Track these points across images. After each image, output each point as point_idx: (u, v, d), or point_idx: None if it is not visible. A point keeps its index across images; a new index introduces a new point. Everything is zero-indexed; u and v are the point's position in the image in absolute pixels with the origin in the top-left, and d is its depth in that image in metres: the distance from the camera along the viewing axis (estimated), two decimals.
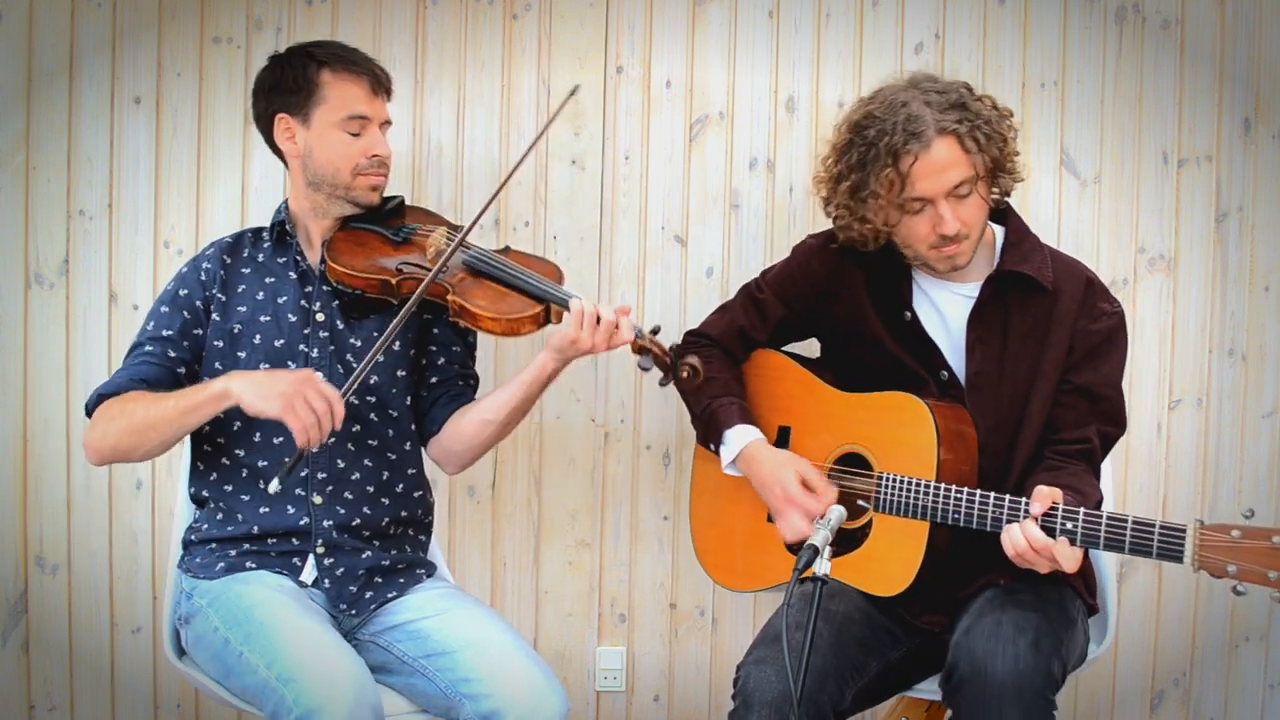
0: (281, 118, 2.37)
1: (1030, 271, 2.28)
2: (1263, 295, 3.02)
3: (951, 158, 2.20)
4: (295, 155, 2.38)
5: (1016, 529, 2.06)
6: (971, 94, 2.25)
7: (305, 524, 2.30)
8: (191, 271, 2.41)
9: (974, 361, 2.28)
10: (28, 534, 2.91)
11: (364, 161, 2.37)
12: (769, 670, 2.11)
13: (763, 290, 2.51)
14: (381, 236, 2.42)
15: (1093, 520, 2.02)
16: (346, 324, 2.38)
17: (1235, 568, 1.84)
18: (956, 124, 2.19)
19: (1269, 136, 2.99)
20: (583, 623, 3.04)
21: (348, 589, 2.30)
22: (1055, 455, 2.25)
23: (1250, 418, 3.03)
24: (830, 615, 2.23)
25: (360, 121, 2.36)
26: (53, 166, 2.87)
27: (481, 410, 2.38)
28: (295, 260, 2.41)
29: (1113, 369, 2.31)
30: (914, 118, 2.19)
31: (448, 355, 2.46)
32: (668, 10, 2.95)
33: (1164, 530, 1.94)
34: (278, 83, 2.37)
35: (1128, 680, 3.07)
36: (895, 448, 2.25)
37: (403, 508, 2.40)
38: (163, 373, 2.32)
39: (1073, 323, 2.27)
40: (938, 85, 2.25)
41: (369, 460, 2.37)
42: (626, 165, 2.97)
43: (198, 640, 2.25)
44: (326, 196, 2.39)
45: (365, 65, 2.39)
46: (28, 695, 2.93)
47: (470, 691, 2.14)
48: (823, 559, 1.87)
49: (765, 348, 2.50)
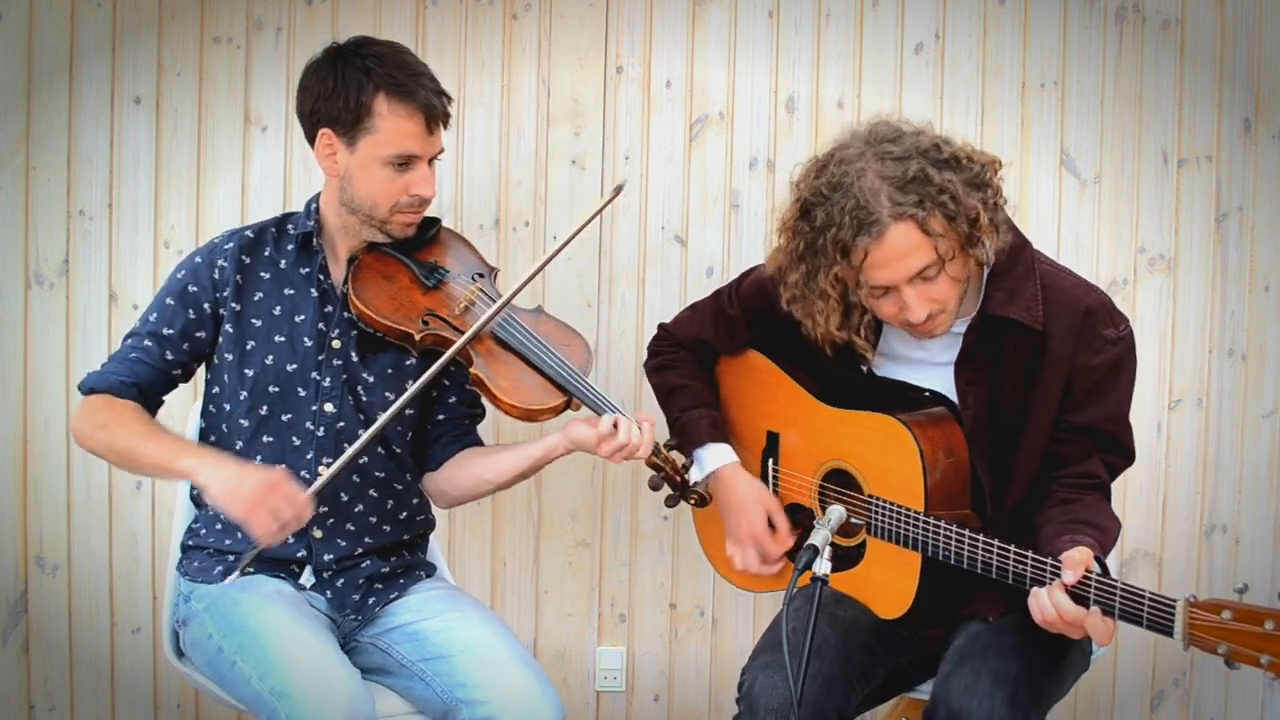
0: (325, 133, 2.21)
1: (1017, 315, 2.08)
2: (1263, 295, 3.02)
3: (910, 244, 1.97)
4: (333, 174, 2.25)
5: (1044, 594, 1.90)
6: (938, 156, 1.99)
7: (303, 556, 2.27)
8: (205, 267, 2.28)
9: (968, 407, 2.15)
10: (28, 534, 2.91)
11: (405, 199, 2.23)
12: (774, 675, 2.08)
13: (733, 305, 2.42)
14: (411, 274, 2.29)
15: (1083, 580, 1.87)
16: (361, 358, 2.29)
17: (1226, 648, 1.73)
18: (915, 207, 1.95)
19: (1269, 136, 2.99)
20: (582, 623, 3.04)
21: (350, 597, 2.28)
22: (1065, 489, 2.12)
23: (1250, 418, 3.03)
24: (837, 621, 2.20)
25: (409, 159, 2.21)
26: (53, 166, 2.87)
27: (483, 469, 2.34)
28: (318, 277, 2.29)
29: (1118, 401, 2.14)
30: (862, 206, 1.96)
31: (459, 395, 2.40)
32: (668, 10, 2.95)
33: (1154, 602, 1.81)
34: (329, 93, 2.19)
35: (1128, 680, 3.07)
36: (883, 472, 2.19)
37: (404, 531, 2.37)
38: (155, 375, 2.26)
39: (1070, 360, 2.09)
40: (897, 150, 1.99)
41: (374, 491, 2.32)
42: (626, 165, 2.97)
43: (194, 645, 2.23)
44: (360, 222, 2.27)
45: (424, 97, 2.20)
46: (28, 695, 2.93)
47: (466, 697, 2.13)
48: (823, 559, 1.86)
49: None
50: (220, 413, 2.30)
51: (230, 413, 2.28)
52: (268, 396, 2.27)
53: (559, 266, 2.96)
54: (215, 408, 2.31)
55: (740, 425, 2.45)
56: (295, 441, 2.27)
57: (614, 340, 2.99)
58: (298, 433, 2.27)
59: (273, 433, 2.27)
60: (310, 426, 2.27)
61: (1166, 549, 3.05)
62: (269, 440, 2.27)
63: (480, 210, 2.95)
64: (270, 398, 2.27)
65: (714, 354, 2.50)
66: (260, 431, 2.27)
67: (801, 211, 2.06)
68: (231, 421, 2.28)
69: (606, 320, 2.99)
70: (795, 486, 2.37)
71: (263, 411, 2.27)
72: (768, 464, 2.41)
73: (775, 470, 2.40)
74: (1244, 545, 3.05)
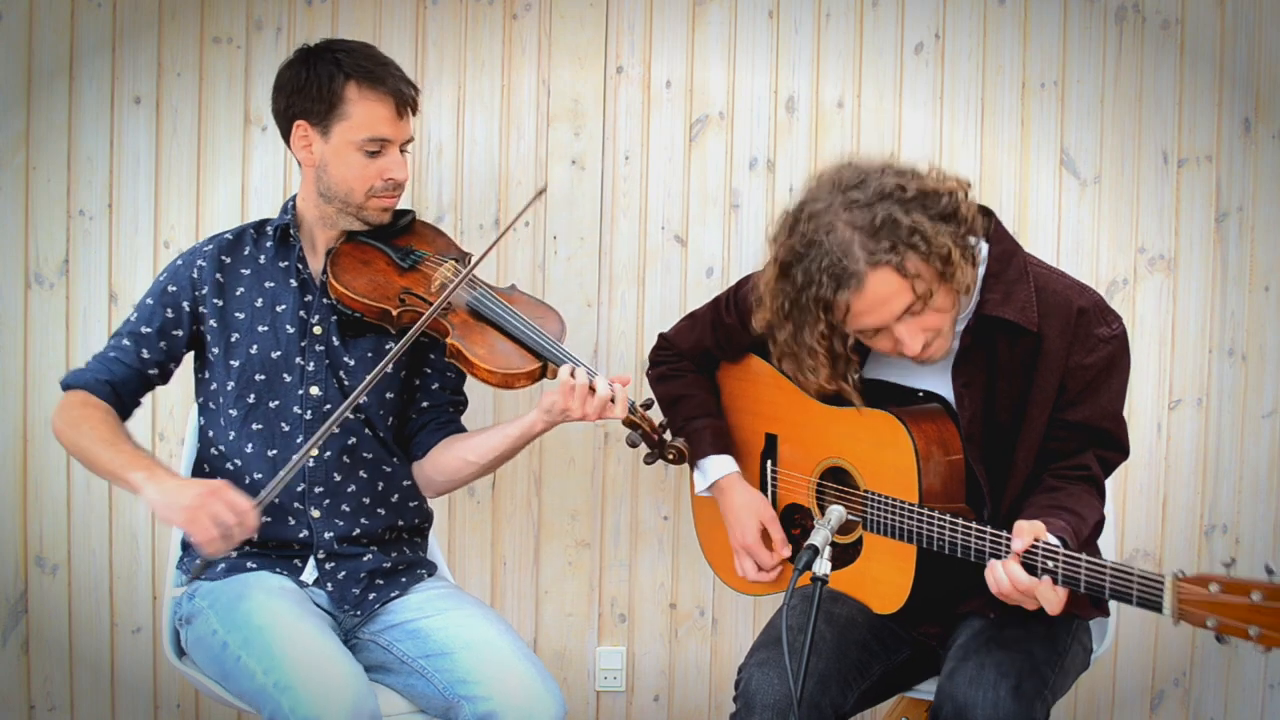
0: (300, 125, 2.30)
1: (1012, 316, 2.12)
2: (1263, 295, 3.02)
3: (890, 289, 1.99)
4: (310, 164, 2.32)
5: (999, 566, 1.95)
6: (904, 196, 1.99)
7: (305, 536, 2.31)
8: (185, 267, 2.36)
9: (965, 409, 2.18)
10: (28, 534, 2.91)
11: (379, 184, 2.31)
12: (771, 672, 2.10)
13: (730, 314, 2.43)
14: (388, 258, 2.36)
15: (1073, 563, 1.90)
16: (343, 341, 2.34)
17: (1215, 621, 1.76)
18: (889, 253, 1.97)
19: (1269, 136, 2.99)
20: (583, 623, 3.04)
21: (350, 591, 2.30)
22: (1054, 477, 2.16)
23: (1250, 418, 3.03)
24: (833, 618, 2.22)
25: (381, 143, 2.29)
26: (53, 166, 2.87)
27: (465, 450, 2.37)
28: (297, 267, 2.36)
29: (1111, 398, 2.17)
30: (837, 261, 1.98)
31: (441, 381, 2.44)
32: (668, 10, 2.95)
33: (1143, 580, 1.84)
34: (301, 87, 2.28)
35: (1128, 680, 3.07)
36: (878, 466, 2.21)
37: (400, 517, 2.40)
38: (130, 374, 2.30)
39: (1063, 360, 2.13)
40: (863, 196, 2.00)
41: (363, 472, 2.36)
42: (626, 165, 2.97)
43: (197, 642, 2.24)
44: (337, 210, 2.33)
45: (393, 84, 2.29)
46: (28, 695, 2.93)
47: (468, 693, 2.14)
48: (823, 559, 1.86)
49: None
50: (215, 407, 2.35)
51: (222, 405, 2.33)
52: (255, 385, 2.32)
53: (559, 266, 2.96)
54: (211, 403, 2.36)
55: (741, 429, 2.46)
56: (284, 427, 2.31)
57: (614, 340, 2.99)
58: (286, 418, 2.32)
59: (261, 419, 2.32)
60: (298, 410, 2.32)
61: (1166, 549, 3.05)
62: (259, 427, 2.31)
63: (480, 210, 2.95)
64: (257, 385, 2.32)
65: (715, 361, 2.51)
66: (250, 419, 2.31)
67: (780, 272, 2.07)
68: (223, 413, 2.33)
69: (606, 320, 2.99)
70: (793, 487, 2.38)
71: (250, 400, 2.31)
72: (766, 466, 2.42)
73: (774, 472, 2.41)
74: (1244, 545, 3.05)
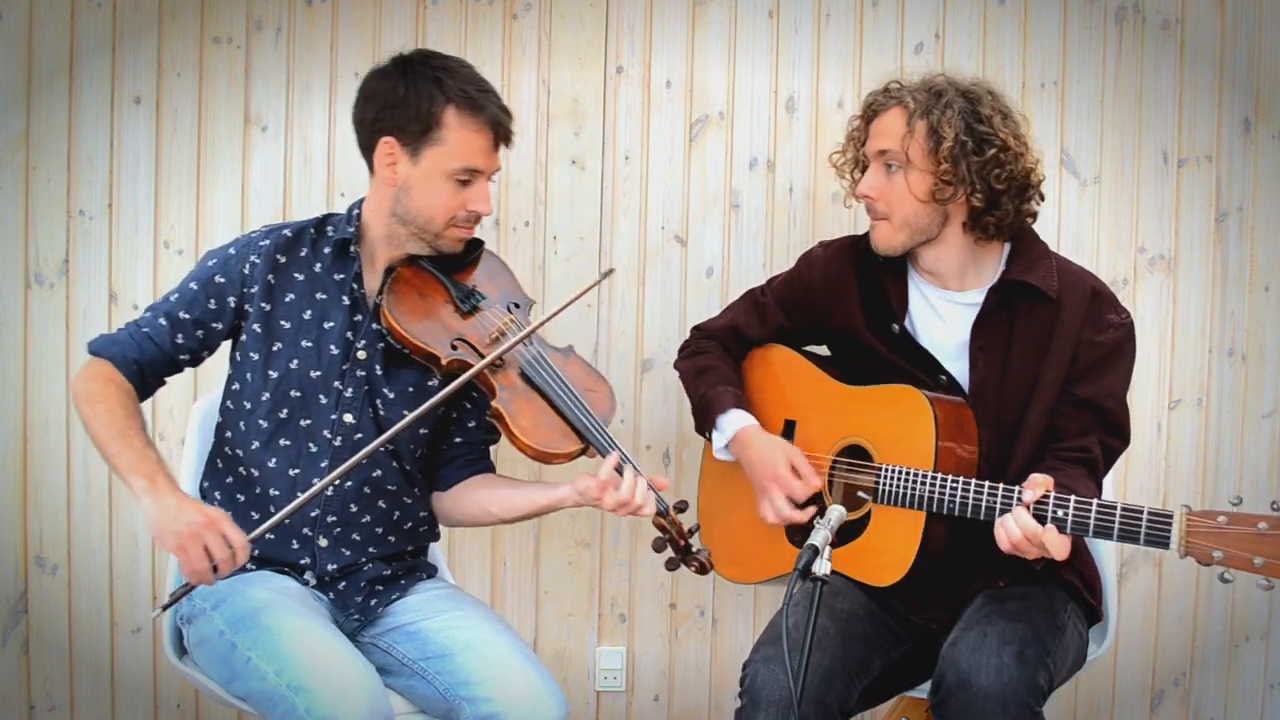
0: (388, 141, 2.18)
1: (1034, 280, 2.26)
2: (1263, 295, 3.02)
3: (889, 125, 2.26)
4: (390, 183, 2.21)
5: (1010, 518, 2.06)
6: (966, 98, 2.25)
7: (307, 563, 2.26)
8: (237, 260, 2.25)
9: (978, 370, 2.27)
10: (28, 534, 2.91)
11: (462, 214, 2.21)
12: (776, 668, 2.11)
13: (765, 295, 2.52)
14: (448, 294, 2.26)
15: (1083, 507, 2.03)
16: (385, 371, 2.25)
17: (1221, 553, 1.87)
18: (912, 99, 2.25)
19: (1269, 136, 2.99)
20: (583, 623, 3.04)
21: (353, 598, 2.28)
22: (1054, 459, 2.23)
23: (1250, 418, 3.03)
24: (835, 613, 2.23)
25: (472, 173, 2.20)
26: (53, 166, 2.87)
27: (490, 502, 2.33)
28: (352, 286, 2.25)
29: (1116, 381, 2.27)
30: (900, 86, 2.30)
31: (478, 420, 2.38)
32: (668, 10, 2.95)
33: (1152, 516, 1.95)
34: (396, 102, 2.16)
35: (1128, 680, 3.07)
36: (895, 440, 2.26)
37: (409, 542, 2.37)
38: (160, 355, 2.23)
39: (1077, 333, 2.25)
40: (952, 80, 2.29)
41: (382, 503, 2.30)
42: (626, 165, 2.97)
43: (201, 642, 2.20)
44: (410, 234, 2.23)
45: (493, 113, 2.20)
46: (28, 695, 2.93)
47: (469, 694, 2.13)
48: (823, 559, 1.87)
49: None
50: (240, 410, 2.27)
51: (250, 412, 2.26)
52: (289, 400, 2.24)
53: (559, 266, 2.96)
54: (235, 405, 2.28)
55: (760, 419, 2.46)
56: (312, 448, 2.25)
57: (614, 340, 2.99)
58: (315, 440, 2.25)
59: (290, 437, 2.25)
60: (328, 435, 2.25)
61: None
62: (286, 444, 2.25)
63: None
64: (291, 402, 2.24)
65: (743, 343, 2.53)
66: (278, 434, 2.25)
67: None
68: (250, 421, 2.26)
69: (606, 320, 2.99)
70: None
71: (282, 415, 2.24)
72: None
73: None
74: None
